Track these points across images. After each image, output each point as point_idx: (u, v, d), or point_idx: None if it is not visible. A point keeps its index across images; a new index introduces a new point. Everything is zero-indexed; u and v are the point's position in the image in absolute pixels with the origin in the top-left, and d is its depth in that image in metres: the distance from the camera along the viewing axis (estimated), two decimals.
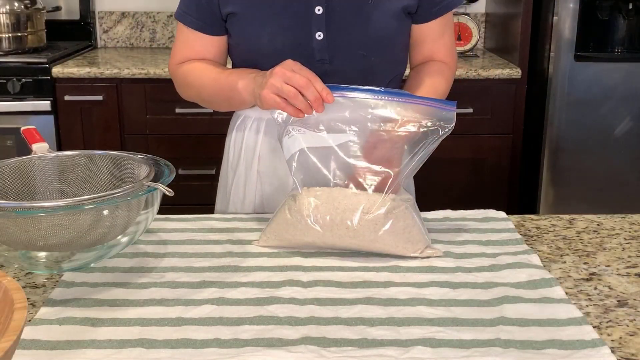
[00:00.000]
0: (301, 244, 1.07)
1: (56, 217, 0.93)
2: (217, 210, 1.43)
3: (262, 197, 1.33)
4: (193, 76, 1.30)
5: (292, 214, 1.06)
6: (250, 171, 1.33)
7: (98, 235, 0.97)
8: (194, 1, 1.27)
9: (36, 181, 1.08)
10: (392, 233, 1.03)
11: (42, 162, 1.08)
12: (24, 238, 0.95)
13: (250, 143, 1.33)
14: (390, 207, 1.03)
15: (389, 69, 1.29)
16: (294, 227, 1.05)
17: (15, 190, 1.06)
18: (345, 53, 1.23)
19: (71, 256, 1.02)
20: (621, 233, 1.16)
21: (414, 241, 1.04)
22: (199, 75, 1.29)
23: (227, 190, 1.39)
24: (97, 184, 1.09)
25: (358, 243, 1.04)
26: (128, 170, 1.08)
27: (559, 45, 2.46)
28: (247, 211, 1.34)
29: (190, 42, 1.31)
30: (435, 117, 1.05)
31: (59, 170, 1.09)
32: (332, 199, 1.04)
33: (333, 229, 1.03)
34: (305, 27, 1.21)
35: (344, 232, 1.03)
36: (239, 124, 1.36)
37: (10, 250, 1.00)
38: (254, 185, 1.33)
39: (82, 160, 1.10)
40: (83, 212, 0.94)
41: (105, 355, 0.79)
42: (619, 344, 0.82)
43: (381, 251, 1.04)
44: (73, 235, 0.95)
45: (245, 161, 1.34)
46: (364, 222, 1.02)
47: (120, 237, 1.02)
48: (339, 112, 1.07)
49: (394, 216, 1.03)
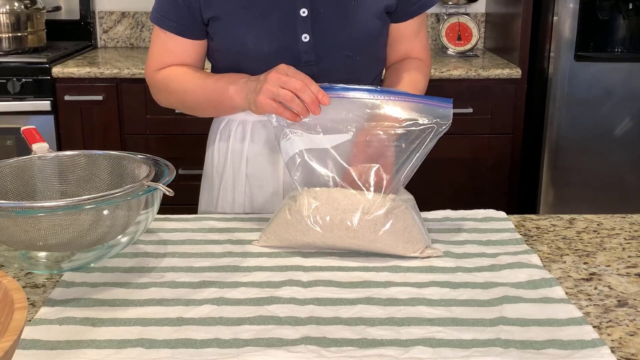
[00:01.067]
0: (301, 245, 1.07)
1: (56, 217, 0.93)
2: (200, 212, 1.42)
3: (252, 200, 1.33)
4: (176, 82, 1.27)
5: (292, 214, 1.06)
6: (239, 174, 1.33)
7: (98, 235, 0.97)
8: (172, 5, 1.23)
9: (36, 181, 1.08)
10: (392, 233, 1.03)
11: (42, 162, 1.08)
12: (24, 238, 0.95)
13: (236, 147, 1.32)
14: (390, 208, 1.03)
15: (372, 68, 1.31)
16: (294, 228, 1.05)
17: (15, 190, 1.05)
18: (332, 54, 1.23)
19: (71, 256, 1.02)
20: (621, 233, 1.16)
21: (414, 241, 1.04)
22: (183, 82, 1.26)
23: (214, 195, 1.37)
24: (97, 184, 1.09)
25: (358, 243, 1.04)
26: (128, 170, 1.08)
27: (559, 45, 2.46)
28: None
29: (169, 46, 1.27)
30: (432, 115, 1.05)
31: (59, 170, 1.09)
32: (332, 200, 1.04)
33: (333, 230, 1.03)
34: (291, 30, 1.21)
35: (343, 233, 1.03)
36: (223, 128, 1.35)
37: (10, 250, 1.00)
38: (242, 189, 1.33)
39: (82, 160, 1.10)
40: (83, 212, 0.94)
41: (105, 355, 0.79)
42: (619, 344, 0.82)
43: (381, 251, 1.04)
44: (73, 235, 0.95)
45: (232, 165, 1.33)
46: (364, 223, 1.02)
47: (120, 237, 1.02)
48: (336, 112, 1.07)
49: (394, 216, 1.03)
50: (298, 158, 1.08)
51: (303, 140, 1.08)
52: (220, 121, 1.36)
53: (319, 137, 1.08)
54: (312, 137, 1.08)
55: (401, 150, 1.06)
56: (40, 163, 1.08)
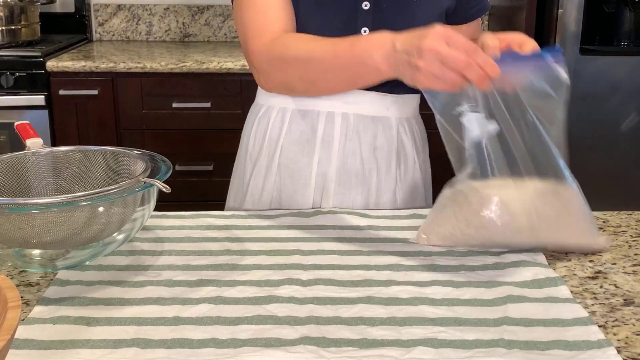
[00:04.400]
0: (470, 243, 1.03)
1: (50, 214, 0.91)
2: (228, 206, 1.40)
3: (281, 190, 1.31)
4: (296, 50, 1.12)
5: (464, 208, 1.01)
6: (272, 162, 1.31)
7: (93, 233, 0.96)
8: None
9: (30, 177, 1.06)
10: (571, 223, 1.00)
11: (36, 158, 1.06)
12: (18, 235, 0.93)
13: (274, 134, 1.31)
14: (564, 195, 0.99)
15: None
16: (465, 224, 1.01)
17: (9, 186, 1.04)
18: None
19: (66, 254, 1.00)
20: (627, 230, 1.14)
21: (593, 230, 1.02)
22: (306, 49, 1.11)
23: (245, 182, 1.36)
24: (92, 180, 1.07)
25: (539, 239, 1.00)
26: (124, 166, 1.06)
27: (564, 39, 2.44)
28: (264, 204, 1.32)
29: (274, 12, 1.16)
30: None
31: (53, 166, 1.07)
32: (512, 193, 0.99)
33: (513, 225, 0.99)
34: (352, 22, 1.20)
35: (526, 227, 0.99)
36: (262, 115, 1.33)
37: (4, 247, 0.98)
38: (273, 178, 1.31)
39: (77, 156, 1.08)
40: (78, 209, 0.92)
41: (100, 355, 0.78)
42: (625, 344, 0.80)
43: (562, 245, 1.02)
44: (68, 233, 0.94)
45: (267, 152, 1.32)
46: (545, 212, 0.98)
47: (116, 234, 1.00)
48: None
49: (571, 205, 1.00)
50: (481, 143, 0.98)
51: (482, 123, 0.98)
52: (260, 108, 1.34)
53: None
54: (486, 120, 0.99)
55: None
56: (35, 159, 1.06)
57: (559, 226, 1.00)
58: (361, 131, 1.27)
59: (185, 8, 3.03)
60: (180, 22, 3.04)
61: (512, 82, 0.97)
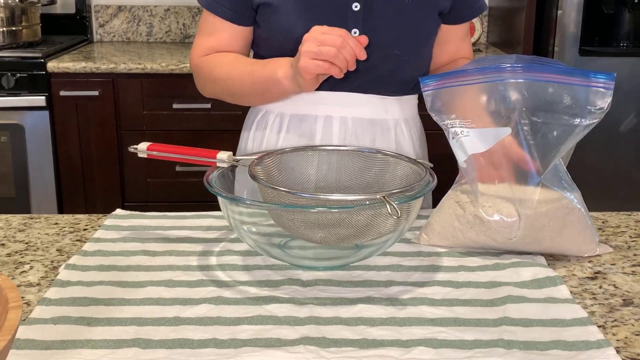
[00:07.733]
0: (470, 244, 1.04)
1: (344, 213, 0.92)
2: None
3: None
4: (220, 69, 1.26)
5: (465, 211, 1.02)
6: None
7: (371, 235, 0.96)
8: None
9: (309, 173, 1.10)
10: (572, 232, 1.01)
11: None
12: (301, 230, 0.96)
13: (272, 138, 1.31)
14: (565, 204, 1.00)
15: (418, 68, 1.28)
16: (467, 226, 1.02)
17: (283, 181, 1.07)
18: (379, 51, 1.20)
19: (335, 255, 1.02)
20: (626, 231, 1.14)
21: (592, 236, 1.03)
22: (228, 69, 1.25)
23: None
24: (380, 183, 1.08)
25: (540, 246, 1.01)
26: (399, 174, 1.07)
27: (563, 40, 2.44)
28: None
29: (218, 32, 1.27)
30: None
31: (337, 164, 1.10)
32: (510, 198, 0.99)
33: (514, 231, 1.00)
34: (342, 24, 1.19)
35: (527, 234, 1.00)
36: (260, 119, 1.33)
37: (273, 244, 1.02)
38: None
39: (378, 158, 1.10)
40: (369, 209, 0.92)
41: (100, 356, 0.78)
42: (624, 344, 0.81)
43: (560, 251, 1.02)
44: (350, 232, 0.95)
45: None
46: (547, 221, 0.99)
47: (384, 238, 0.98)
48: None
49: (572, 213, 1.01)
50: (474, 160, 1.02)
51: (472, 140, 1.02)
52: (258, 112, 1.35)
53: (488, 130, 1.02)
54: (480, 131, 1.02)
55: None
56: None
57: (560, 235, 1.01)
58: (359, 134, 1.27)
59: (186, 9, 3.03)
60: (180, 23, 3.04)
61: (551, 87, 1.01)
